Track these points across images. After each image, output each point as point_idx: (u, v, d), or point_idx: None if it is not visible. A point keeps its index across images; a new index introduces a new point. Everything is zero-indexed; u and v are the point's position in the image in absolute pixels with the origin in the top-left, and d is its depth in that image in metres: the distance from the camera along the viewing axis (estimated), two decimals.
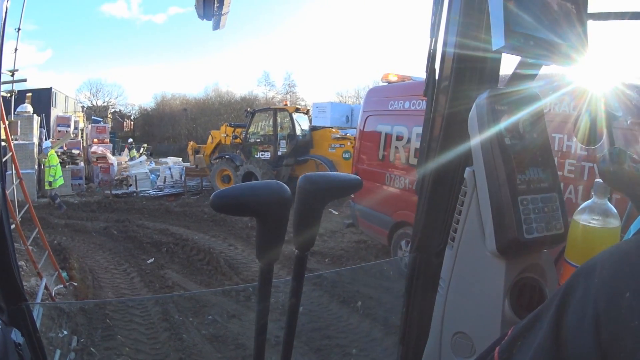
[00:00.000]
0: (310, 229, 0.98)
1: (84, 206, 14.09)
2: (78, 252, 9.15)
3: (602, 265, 0.61)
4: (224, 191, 0.87)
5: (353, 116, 18.86)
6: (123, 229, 11.03)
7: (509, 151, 1.20)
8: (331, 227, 10.93)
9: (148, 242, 9.72)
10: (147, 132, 42.55)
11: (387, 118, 7.64)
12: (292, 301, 1.07)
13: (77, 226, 11.40)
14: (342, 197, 1.14)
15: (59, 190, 14.34)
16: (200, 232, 10.86)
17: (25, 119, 15.27)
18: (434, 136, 1.65)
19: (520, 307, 1.24)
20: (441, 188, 1.63)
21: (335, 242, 9.91)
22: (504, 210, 1.19)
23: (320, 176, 0.97)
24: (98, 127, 22.04)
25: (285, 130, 14.90)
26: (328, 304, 6.08)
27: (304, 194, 0.94)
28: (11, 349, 1.15)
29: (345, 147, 14.12)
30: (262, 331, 1.05)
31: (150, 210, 13.45)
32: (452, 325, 1.38)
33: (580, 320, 0.58)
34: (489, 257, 1.25)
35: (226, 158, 15.66)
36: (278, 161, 14.68)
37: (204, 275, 7.98)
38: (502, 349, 0.72)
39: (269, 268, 0.97)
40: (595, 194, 1.17)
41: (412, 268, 1.72)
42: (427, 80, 1.64)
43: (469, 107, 1.31)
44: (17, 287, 1.34)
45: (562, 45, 1.23)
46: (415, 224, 1.75)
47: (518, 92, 1.28)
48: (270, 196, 0.87)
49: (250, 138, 15.45)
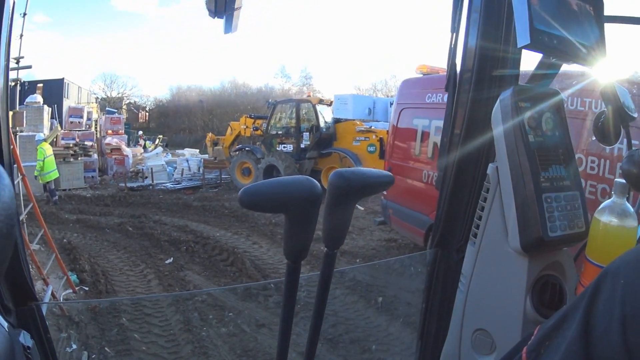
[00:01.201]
0: (341, 226, 0.99)
1: (97, 200, 13.43)
2: (90, 251, 8.48)
3: (627, 267, 0.63)
4: (252, 187, 0.84)
5: (375, 108, 18.94)
6: (139, 225, 10.33)
7: (533, 148, 1.22)
8: (359, 224, 10.37)
9: (166, 240, 9.00)
10: (163, 124, 42.42)
11: (425, 111, 7.19)
12: (319, 299, 1.08)
13: (89, 222, 10.70)
14: (374, 194, 1.04)
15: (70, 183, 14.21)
16: (221, 228, 10.16)
17: (34, 110, 15.05)
18: (455, 131, 1.68)
19: (541, 305, 1.25)
20: (463, 184, 1.67)
21: (365, 240, 9.35)
22: (528, 207, 1.20)
23: (353, 172, 0.95)
24: (112, 118, 21.39)
25: (308, 123, 14.29)
26: (348, 300, 5.97)
27: (336, 190, 0.93)
28: (19, 353, 1.05)
29: (370, 141, 13.57)
30: (287, 328, 1.04)
31: (168, 205, 12.77)
32: (473, 322, 1.39)
33: (608, 322, 0.60)
34: (511, 255, 1.27)
35: (246, 150, 15.15)
36: (301, 154, 14.15)
37: (228, 277, 7.29)
38: (530, 349, 0.74)
39: (296, 266, 0.96)
40: (615, 193, 1.16)
41: (433, 264, 1.77)
42: (449, 75, 1.68)
43: (491, 103, 1.38)
44: (26, 285, 1.30)
45: (583, 45, 1.24)
46: (436, 220, 1.78)
47: (541, 89, 1.32)
48: (300, 193, 0.85)
49: (271, 130, 14.82)
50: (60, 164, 14.60)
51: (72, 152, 15.80)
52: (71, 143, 16.48)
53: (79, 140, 17.15)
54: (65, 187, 14.65)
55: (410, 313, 5.08)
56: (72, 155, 15.68)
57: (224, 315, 5.67)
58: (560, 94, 1.31)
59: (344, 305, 5.86)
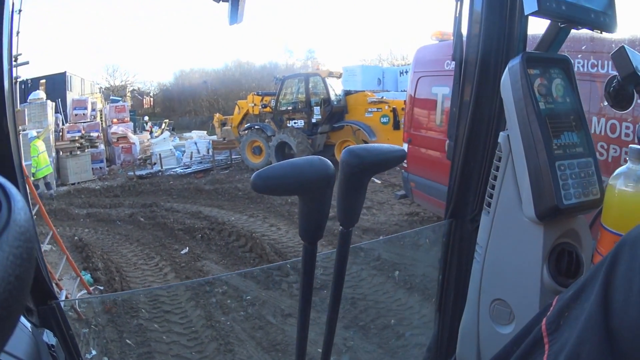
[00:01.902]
0: (355, 204, 0.99)
1: (107, 191, 13.10)
2: (102, 246, 8.16)
3: None
4: (264, 171, 0.83)
5: (384, 78, 19.16)
6: (150, 214, 9.98)
7: (544, 115, 1.21)
8: (377, 199, 10.04)
9: (180, 229, 8.64)
10: (168, 107, 42.07)
11: (444, 79, 6.83)
12: (336, 277, 1.08)
13: (100, 215, 10.38)
14: (387, 169, 1.02)
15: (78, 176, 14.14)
16: (236, 212, 9.80)
17: (37, 106, 14.80)
18: (464, 101, 1.67)
19: (558, 274, 1.25)
20: (474, 153, 1.67)
21: (386, 215, 9.00)
22: (541, 175, 1.20)
23: (365, 149, 0.95)
24: (117, 107, 20.94)
25: (318, 96, 13.80)
26: (365, 275, 5.83)
27: (349, 168, 0.93)
28: (44, 352, 1.06)
29: (383, 112, 13.19)
30: (306, 309, 1.05)
31: (179, 191, 12.40)
32: (490, 292, 1.39)
33: (628, 293, 0.60)
34: (526, 223, 1.26)
35: (256, 128, 14.70)
36: (312, 129, 13.73)
37: (248, 264, 6.96)
38: (549, 320, 0.74)
39: (312, 247, 0.97)
40: (630, 159, 1.13)
41: (448, 234, 1.77)
42: (455, 43, 1.67)
43: (499, 71, 1.45)
44: (45, 285, 1.30)
45: (592, 10, 1.23)
46: (449, 190, 1.77)
47: (550, 55, 1.31)
48: (313, 173, 0.84)
49: (280, 106, 14.33)
50: (67, 157, 14.63)
51: (79, 145, 15.57)
52: (77, 136, 16.20)
53: (85, 132, 16.84)
54: (74, 181, 14.44)
55: (428, 286, 5.00)
56: (78, 148, 15.45)
57: (246, 307, 5.41)
58: (569, 59, 1.30)
59: (363, 281, 5.72)
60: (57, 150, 15.01)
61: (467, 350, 1.52)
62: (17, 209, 0.44)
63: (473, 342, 1.48)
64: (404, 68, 19.79)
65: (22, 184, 1.29)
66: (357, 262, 5.78)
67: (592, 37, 4.40)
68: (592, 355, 0.63)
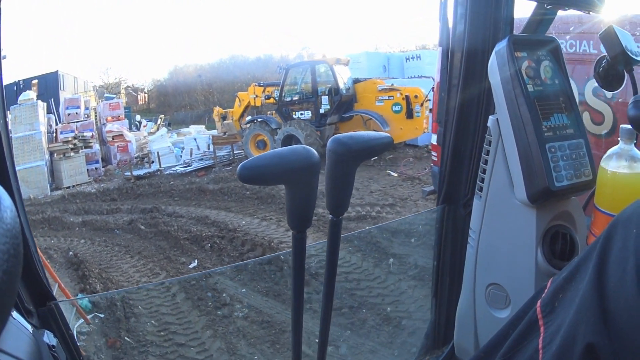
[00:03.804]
0: (344, 192, 1.00)
1: (103, 195, 12.26)
2: (100, 261, 7.25)
3: None
4: (250, 162, 0.85)
5: (390, 65, 18.89)
6: (151, 221, 9.07)
7: (533, 98, 1.23)
8: (398, 194, 9.26)
9: (186, 238, 7.71)
10: (163, 103, 42.04)
11: None
12: (328, 267, 1.09)
13: (97, 223, 9.49)
14: (373, 157, 1.11)
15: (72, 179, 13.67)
16: (246, 214, 8.91)
17: (28, 108, 14.15)
18: (452, 86, 1.69)
19: (553, 256, 1.28)
20: (464, 138, 1.70)
21: (410, 212, 8.24)
22: (532, 158, 1.22)
23: (350, 137, 0.96)
24: (111, 104, 20.19)
25: (326, 85, 12.98)
26: (359, 263, 5.60)
27: (335, 156, 0.94)
28: (45, 352, 1.08)
29: (394, 100, 12.39)
30: (299, 298, 1.06)
31: (181, 192, 11.49)
32: (485, 276, 1.42)
33: (622, 272, 0.62)
34: (518, 206, 1.29)
35: (259, 121, 13.89)
36: (320, 120, 12.96)
37: (269, 280, 5.96)
38: (543, 302, 0.76)
39: (301, 235, 0.98)
40: (622, 139, 1.15)
41: (441, 220, 1.82)
42: (441, 28, 1.68)
43: (487, 54, 1.41)
44: (43, 286, 1.35)
45: None
46: (441, 175, 1.81)
47: (538, 37, 1.38)
48: (297, 162, 0.86)
49: (285, 97, 13.49)
50: (61, 160, 14.05)
51: (72, 146, 14.80)
52: (70, 136, 15.42)
53: (78, 132, 16.10)
54: (69, 185, 13.80)
55: (423, 273, 4.86)
56: (72, 149, 14.69)
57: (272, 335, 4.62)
58: (557, 41, 1.33)
59: (358, 269, 5.51)
60: (51, 152, 14.36)
61: (464, 335, 1.54)
62: (3, 207, 0.46)
63: (470, 328, 1.50)
64: (411, 54, 19.41)
65: (16, 187, 1.28)
66: (350, 251, 5.68)
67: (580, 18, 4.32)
68: (588, 337, 0.64)
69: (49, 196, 12.48)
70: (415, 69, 17.92)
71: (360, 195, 9.12)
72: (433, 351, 1.98)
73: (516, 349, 0.79)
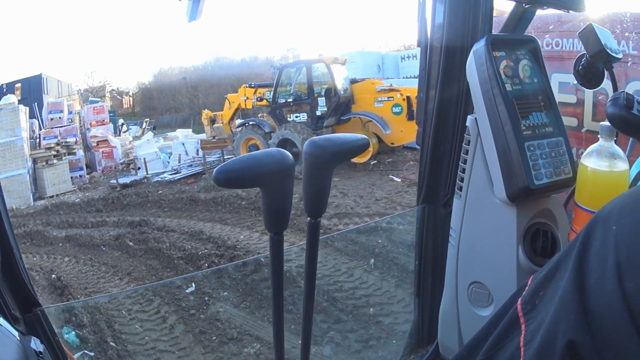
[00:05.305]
0: (321, 194, 0.99)
1: (87, 205, 11.65)
2: (86, 284, 6.63)
3: (620, 212, 0.63)
4: (225, 165, 0.85)
5: (384, 65, 18.75)
6: (140, 237, 8.43)
7: (511, 97, 1.24)
8: (405, 201, 8.77)
9: (179, 257, 7.06)
10: (148, 106, 41.38)
11: None
12: (308, 269, 1.08)
13: (81, 238, 8.88)
14: (349, 159, 1.13)
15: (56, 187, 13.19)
16: (244, 228, 8.29)
17: (9, 113, 13.53)
18: (431, 85, 1.71)
19: (534, 254, 1.28)
20: (443, 137, 1.72)
21: None
22: (511, 157, 1.22)
23: (326, 139, 0.96)
24: (95, 108, 19.61)
25: (323, 86, 12.40)
26: (340, 265, 5.63)
27: (312, 158, 0.94)
28: (33, 358, 1.06)
29: (394, 100, 11.91)
30: (279, 301, 1.05)
31: (170, 202, 10.83)
32: (467, 275, 1.42)
33: (602, 270, 0.61)
34: (498, 205, 1.29)
35: (251, 124, 13.26)
36: (317, 123, 12.37)
37: None
38: (524, 300, 0.75)
39: (279, 237, 0.97)
40: (601, 136, 1.16)
41: (422, 220, 1.84)
42: (420, 28, 1.70)
43: (465, 54, 1.40)
44: (29, 293, 1.34)
45: None
46: (420, 175, 1.83)
47: (516, 37, 1.39)
48: (272, 165, 0.86)
49: (279, 98, 12.85)
50: (44, 167, 13.56)
51: (55, 153, 14.20)
52: (52, 143, 14.79)
53: (61, 138, 15.45)
54: (52, 194, 13.28)
55: (405, 273, 4.96)
56: (54, 156, 14.10)
57: None
58: (536, 40, 1.34)
59: (339, 271, 5.52)
60: (34, 159, 13.76)
61: (448, 334, 1.56)
62: None
63: (454, 326, 1.52)
64: (406, 53, 19.18)
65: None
66: (330, 253, 5.72)
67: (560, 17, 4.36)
68: (568, 334, 0.64)
69: (32, 207, 12.03)
70: (410, 69, 17.62)
71: (365, 204, 8.59)
72: (418, 350, 2.01)
73: (498, 347, 0.79)
